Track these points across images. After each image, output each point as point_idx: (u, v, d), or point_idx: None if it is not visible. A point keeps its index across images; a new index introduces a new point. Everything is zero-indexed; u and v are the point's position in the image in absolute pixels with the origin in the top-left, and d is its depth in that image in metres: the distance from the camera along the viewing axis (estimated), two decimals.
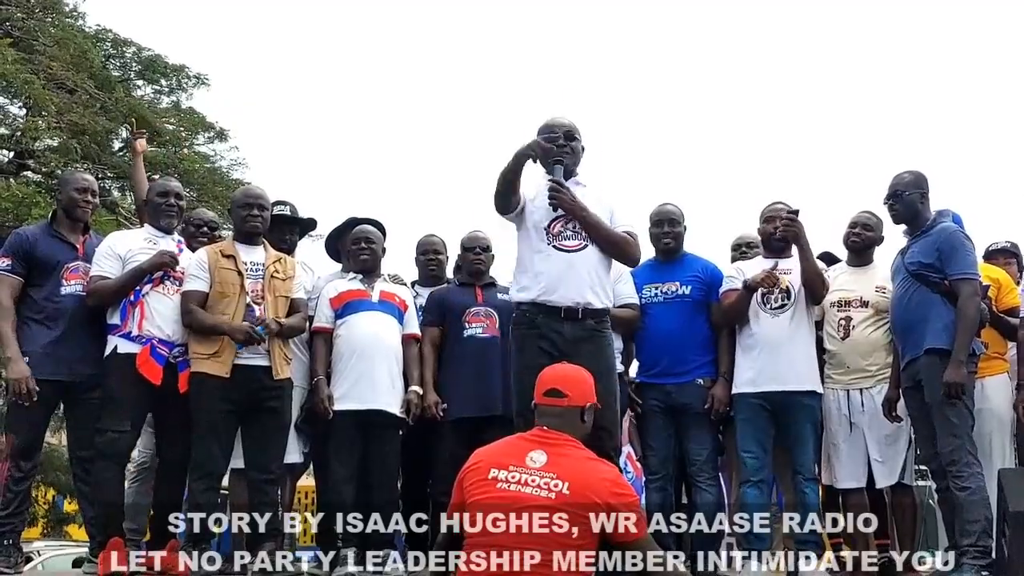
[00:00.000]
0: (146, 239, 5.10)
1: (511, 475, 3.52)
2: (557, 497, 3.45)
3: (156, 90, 15.29)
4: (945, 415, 4.69)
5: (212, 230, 5.71)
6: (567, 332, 4.43)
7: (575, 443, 3.63)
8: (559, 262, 4.48)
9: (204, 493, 4.88)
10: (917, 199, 5.00)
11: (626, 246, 4.60)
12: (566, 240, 4.50)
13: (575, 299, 4.45)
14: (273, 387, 4.97)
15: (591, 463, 3.59)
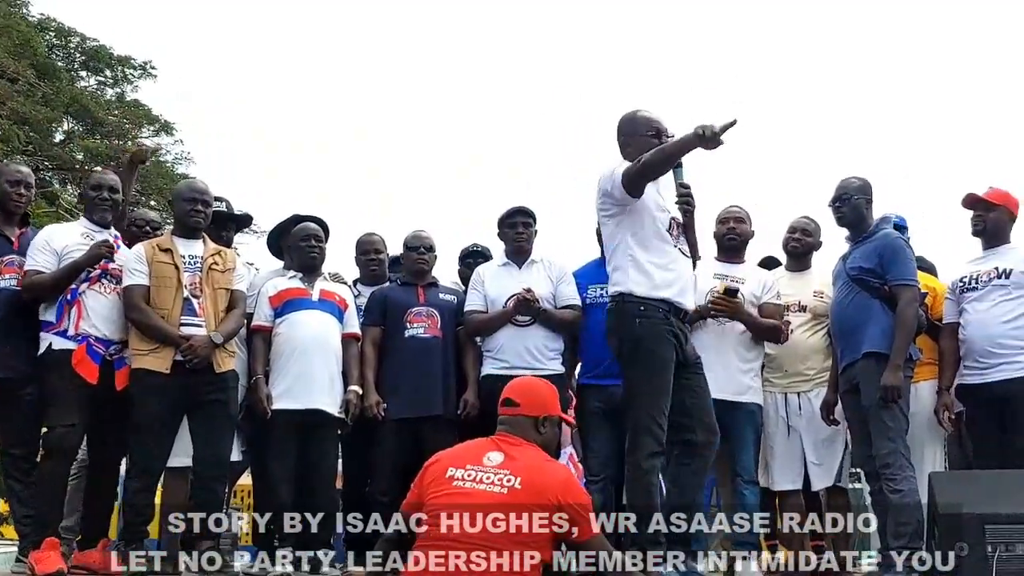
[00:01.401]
0: (83, 234, 5.01)
1: (467, 474, 3.58)
2: (509, 492, 3.50)
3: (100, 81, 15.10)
4: (881, 418, 4.75)
5: (154, 230, 5.63)
6: (685, 333, 4.56)
7: (532, 446, 3.70)
8: (685, 266, 4.58)
9: (140, 493, 4.81)
10: (863, 204, 5.07)
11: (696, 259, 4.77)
12: (683, 245, 4.59)
13: (690, 305, 4.61)
14: (216, 380, 4.91)
15: (545, 463, 3.66)
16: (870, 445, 4.83)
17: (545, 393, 3.89)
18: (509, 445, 3.67)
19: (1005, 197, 5.10)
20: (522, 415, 3.76)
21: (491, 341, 5.31)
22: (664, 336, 4.43)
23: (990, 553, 4.08)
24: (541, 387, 3.94)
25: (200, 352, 4.80)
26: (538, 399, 3.84)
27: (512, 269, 5.45)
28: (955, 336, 5.08)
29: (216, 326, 4.92)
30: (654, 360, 4.41)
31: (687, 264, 4.59)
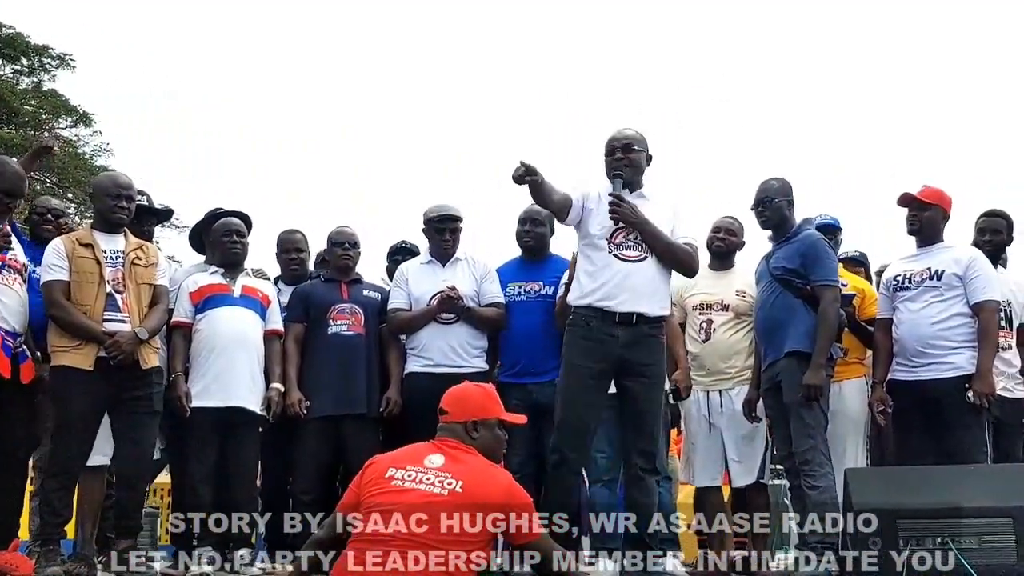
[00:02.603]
0: None
1: (407, 474, 3.55)
2: (450, 495, 3.47)
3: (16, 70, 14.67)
4: (801, 416, 4.83)
5: (57, 218, 5.49)
6: (621, 336, 4.53)
7: (471, 451, 3.68)
8: (617, 272, 4.57)
9: (58, 492, 4.68)
10: (784, 206, 5.13)
11: (685, 257, 4.71)
12: (627, 251, 4.59)
13: (632, 307, 4.54)
14: (141, 376, 4.80)
15: (486, 467, 3.64)
16: (791, 442, 4.91)
17: (475, 398, 3.86)
18: (450, 449, 3.65)
19: (939, 196, 5.15)
20: (453, 422, 3.74)
21: (415, 339, 5.29)
22: (577, 343, 4.59)
23: (900, 547, 4.17)
24: (471, 392, 3.90)
25: (125, 348, 4.69)
26: (467, 405, 3.81)
27: (436, 267, 5.43)
28: (888, 332, 5.13)
29: (140, 322, 4.81)
30: (567, 366, 4.64)
31: (624, 268, 4.58)
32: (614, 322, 4.54)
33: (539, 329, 5.27)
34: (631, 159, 4.71)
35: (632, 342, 4.55)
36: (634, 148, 4.73)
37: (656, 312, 4.62)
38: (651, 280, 4.62)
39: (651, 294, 4.60)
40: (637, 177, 4.75)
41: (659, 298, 4.65)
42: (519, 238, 5.49)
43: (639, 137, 4.79)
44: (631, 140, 4.74)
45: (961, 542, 4.11)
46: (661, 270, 4.67)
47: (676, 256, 4.68)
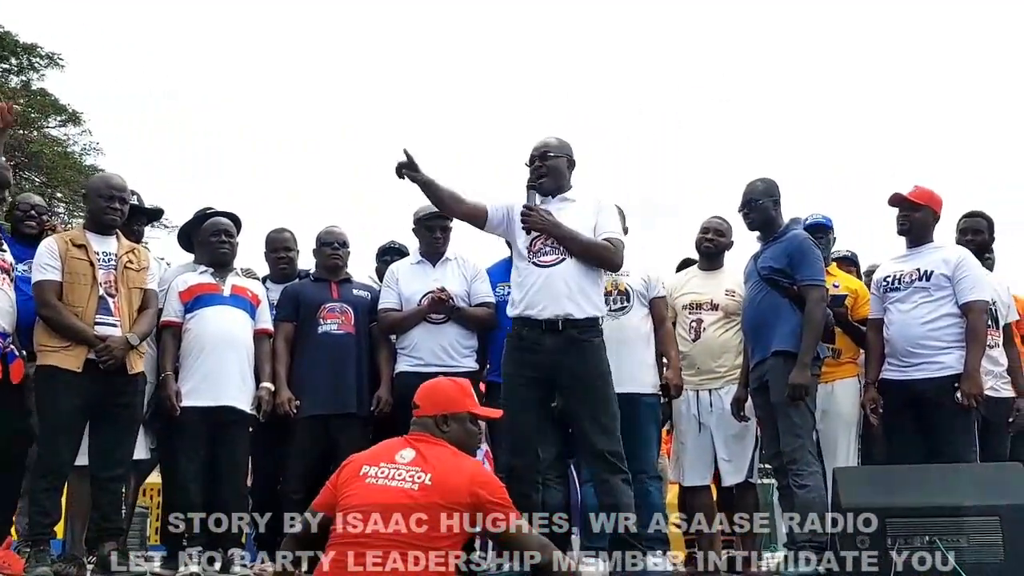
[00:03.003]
0: None
1: (380, 471, 3.57)
2: (420, 488, 3.48)
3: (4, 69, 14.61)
4: (788, 415, 4.84)
5: (40, 215, 5.47)
6: (548, 343, 4.53)
7: (443, 444, 3.69)
8: (536, 278, 4.59)
9: (46, 492, 4.66)
10: (770, 207, 5.15)
11: (604, 253, 4.66)
12: (544, 256, 4.62)
13: (554, 312, 4.54)
14: (127, 382, 4.79)
15: (455, 458, 3.65)
16: (779, 442, 4.93)
17: (447, 392, 3.87)
18: (421, 443, 3.67)
19: (929, 196, 5.16)
20: (424, 415, 3.77)
21: (405, 339, 5.29)
22: (510, 354, 4.66)
23: (889, 546, 4.19)
24: (443, 386, 3.91)
25: (116, 354, 4.69)
26: (438, 398, 3.83)
27: (426, 267, 5.43)
28: (880, 332, 5.15)
29: (130, 326, 4.81)
30: (503, 378, 4.71)
31: (542, 273, 4.60)
32: (542, 330, 4.56)
33: None
34: (549, 166, 4.75)
35: (562, 348, 4.54)
36: (550, 155, 4.76)
37: (584, 314, 4.58)
38: (571, 281, 4.59)
39: (572, 296, 4.57)
40: (560, 183, 4.79)
41: (584, 299, 4.60)
42: None
43: (557, 143, 4.82)
44: (547, 147, 4.78)
45: (950, 541, 4.14)
46: (584, 270, 4.63)
47: (593, 254, 4.65)
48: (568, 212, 4.69)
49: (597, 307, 4.68)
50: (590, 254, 4.65)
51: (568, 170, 4.84)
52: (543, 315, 4.55)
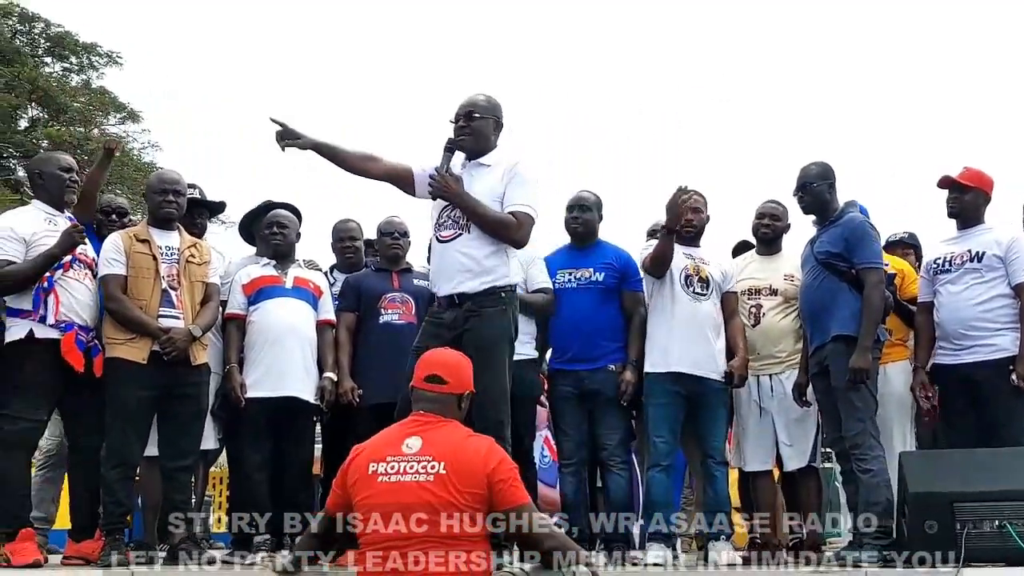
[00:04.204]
0: (46, 219, 4.88)
1: (389, 466, 3.52)
2: (436, 479, 3.46)
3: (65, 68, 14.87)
4: (850, 399, 4.81)
5: (122, 216, 5.59)
6: (447, 318, 4.45)
7: (451, 423, 3.65)
8: (436, 255, 4.53)
9: (119, 482, 4.77)
10: (825, 190, 5.11)
11: (503, 228, 4.43)
12: (445, 230, 4.49)
13: (449, 289, 4.45)
14: (190, 373, 4.89)
15: (466, 439, 3.61)
16: (840, 426, 4.90)
17: (468, 368, 3.84)
18: (426, 427, 3.61)
19: (979, 178, 5.12)
20: (449, 392, 3.70)
21: None
22: (422, 328, 4.59)
23: (959, 531, 4.15)
24: (463, 362, 3.87)
25: (179, 345, 4.78)
26: (464, 375, 3.79)
27: None
28: (930, 314, 5.12)
29: (193, 318, 4.91)
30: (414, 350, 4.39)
31: (439, 249, 4.50)
32: (444, 306, 4.47)
33: (590, 315, 5.30)
34: (473, 127, 4.51)
35: (459, 321, 4.40)
36: (475, 115, 4.52)
37: (475, 289, 4.39)
38: (465, 257, 4.42)
39: (466, 271, 4.41)
40: (483, 145, 4.55)
41: (482, 272, 4.41)
42: (567, 225, 5.51)
43: (484, 103, 4.58)
44: (474, 106, 4.54)
45: (1020, 525, 4.11)
46: (485, 242, 4.43)
47: (490, 227, 4.42)
48: (480, 179, 4.49)
49: (497, 277, 4.45)
50: (489, 227, 4.42)
51: (495, 132, 4.61)
52: (441, 292, 4.48)
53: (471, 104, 4.55)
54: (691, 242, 5.36)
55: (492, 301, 4.42)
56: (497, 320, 4.42)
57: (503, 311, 4.44)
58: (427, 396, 3.70)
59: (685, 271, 5.21)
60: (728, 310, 5.33)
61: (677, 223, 5.08)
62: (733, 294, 5.37)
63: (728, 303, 5.34)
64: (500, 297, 4.45)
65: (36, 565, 4.51)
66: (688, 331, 5.15)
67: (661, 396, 5.14)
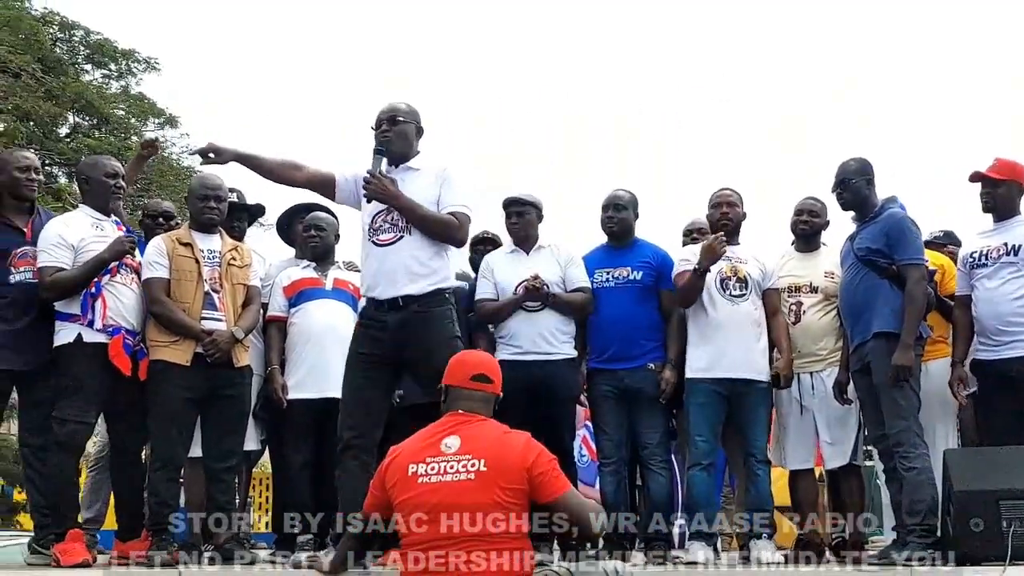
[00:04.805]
0: (93, 225, 4.97)
1: (429, 467, 3.55)
2: (477, 477, 3.48)
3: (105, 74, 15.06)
4: (893, 397, 4.77)
5: (168, 220, 5.66)
6: (390, 320, 4.47)
7: (488, 420, 3.69)
8: (374, 259, 4.53)
9: (165, 483, 4.85)
10: (863, 186, 5.08)
11: (444, 228, 4.52)
12: (382, 234, 4.51)
13: (393, 293, 4.46)
14: (233, 375, 4.95)
15: (503, 435, 3.63)
16: (883, 424, 4.86)
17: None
18: (463, 425, 3.64)
19: (1011, 169, 5.06)
20: (492, 392, 3.77)
21: (503, 327, 5.32)
22: (357, 331, 4.60)
23: (1005, 529, 4.12)
24: (497, 363, 3.97)
25: (222, 347, 4.84)
26: (500, 377, 3.86)
27: (520, 255, 5.47)
28: (967, 309, 5.07)
29: (235, 321, 4.97)
30: (348, 353, 4.58)
31: (379, 253, 4.51)
32: (384, 309, 4.48)
33: (629, 314, 5.29)
34: (397, 131, 4.59)
35: (402, 324, 4.44)
36: (399, 119, 4.60)
37: (423, 290, 4.47)
38: (409, 259, 4.47)
39: (411, 273, 4.46)
40: (407, 150, 4.63)
41: (425, 275, 4.49)
42: (603, 225, 5.51)
43: (406, 108, 4.67)
44: (396, 112, 4.62)
45: None
46: (425, 244, 4.50)
47: (432, 228, 4.50)
48: (411, 182, 4.54)
49: (442, 278, 4.56)
50: (431, 229, 4.50)
51: (416, 137, 4.69)
52: (383, 296, 4.48)
53: (393, 110, 4.63)
54: (728, 240, 5.34)
55: (438, 302, 4.53)
56: (446, 321, 4.54)
57: (449, 312, 4.57)
58: (474, 395, 3.75)
59: (721, 274, 5.20)
60: (770, 308, 5.29)
61: (710, 264, 5.10)
62: (775, 291, 5.33)
63: (770, 300, 5.30)
64: (445, 298, 4.57)
65: (84, 565, 4.57)
66: (727, 334, 5.13)
67: (701, 395, 5.13)
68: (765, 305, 5.29)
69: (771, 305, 5.30)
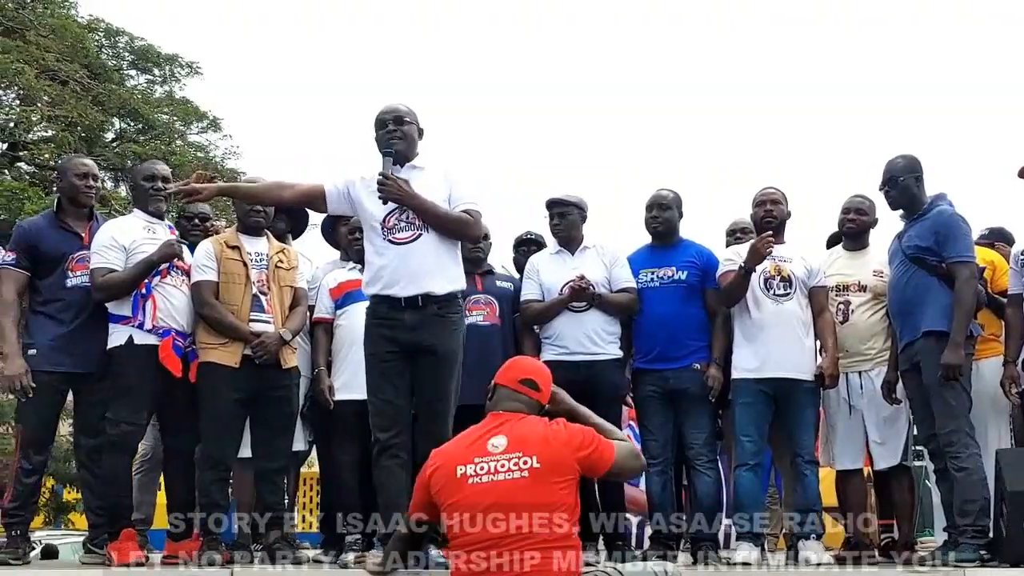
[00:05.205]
0: (144, 228, 5.06)
1: (479, 467, 3.56)
2: (530, 473, 3.49)
3: (149, 80, 15.24)
4: (943, 397, 4.73)
5: (204, 221, 5.72)
6: (408, 319, 4.49)
7: (529, 416, 3.71)
8: (393, 257, 4.53)
9: (214, 483, 4.91)
10: (912, 184, 5.03)
11: (461, 226, 4.59)
12: (399, 233, 4.53)
13: (414, 290, 4.48)
14: (281, 376, 5.00)
15: (547, 428, 3.64)
16: (933, 423, 4.82)
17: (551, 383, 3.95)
18: (506, 424, 3.65)
19: None
20: (538, 401, 3.79)
21: (549, 328, 5.32)
22: (371, 330, 4.58)
23: None
24: (551, 376, 3.99)
25: (271, 349, 4.89)
26: (550, 388, 3.89)
27: (565, 256, 5.47)
28: (1019, 307, 5.01)
29: (282, 322, 5.02)
30: (366, 355, 4.61)
31: (399, 251, 4.52)
32: (401, 307, 4.49)
33: (674, 314, 5.28)
34: (404, 131, 4.63)
35: (419, 324, 4.48)
36: (406, 120, 4.65)
37: (443, 290, 4.52)
38: (430, 258, 4.51)
39: (432, 272, 4.50)
40: (411, 151, 4.68)
41: (444, 274, 4.54)
42: (648, 225, 5.50)
43: (409, 110, 4.72)
44: (402, 113, 4.67)
45: None
46: (442, 244, 4.55)
47: (449, 226, 4.56)
48: (419, 181, 4.58)
49: (457, 281, 4.61)
50: (447, 227, 4.55)
51: (419, 138, 4.74)
52: (403, 293, 4.48)
53: (397, 111, 4.68)
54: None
55: (455, 308, 4.61)
56: (458, 330, 4.61)
57: (461, 320, 4.65)
58: (519, 398, 3.78)
59: (765, 273, 5.17)
60: (817, 306, 5.25)
61: (756, 264, 5.08)
62: (822, 289, 5.29)
63: (816, 299, 5.26)
64: (459, 304, 4.64)
65: (138, 564, 4.64)
66: (773, 334, 5.11)
67: (748, 395, 5.11)
68: (811, 304, 5.25)
69: (817, 304, 5.26)
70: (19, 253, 5.01)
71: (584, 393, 4.99)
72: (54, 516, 13.84)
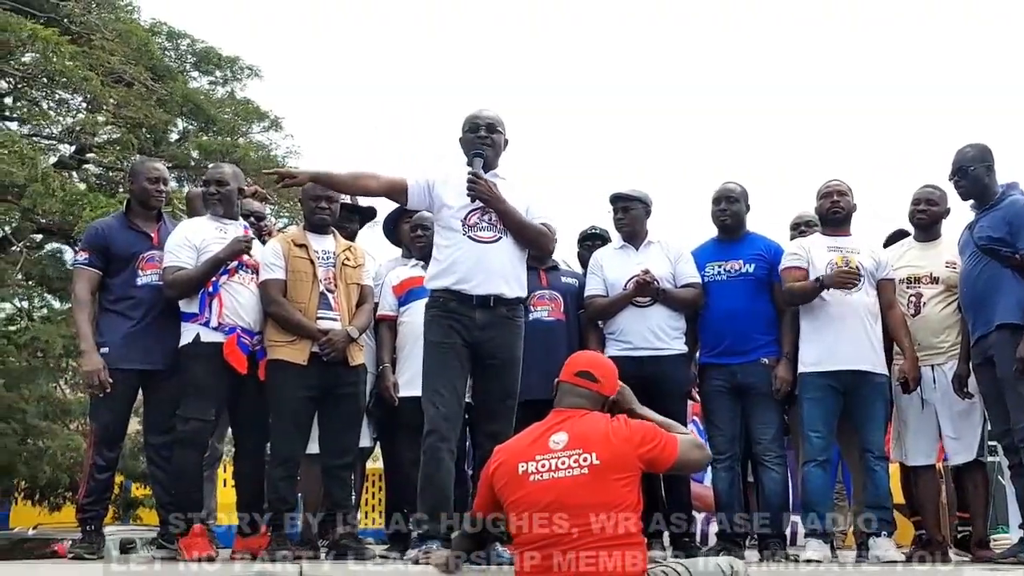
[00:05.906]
0: (216, 227, 5.14)
1: (540, 465, 3.55)
2: (591, 470, 3.47)
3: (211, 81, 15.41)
4: (1018, 391, 4.64)
5: (259, 220, 5.78)
6: (478, 318, 4.52)
7: (591, 412, 3.68)
8: (472, 253, 4.55)
9: (283, 480, 4.95)
10: (983, 173, 4.94)
11: (541, 237, 4.70)
12: (481, 231, 4.57)
13: (487, 289, 4.52)
14: (348, 373, 5.03)
15: (609, 426, 3.62)
16: (1007, 418, 4.72)
17: (615, 373, 3.91)
18: (568, 420, 3.63)
19: None
20: (599, 392, 3.75)
21: (613, 323, 5.30)
22: (437, 323, 4.57)
23: None
24: (612, 366, 3.96)
25: (338, 346, 4.93)
26: (612, 379, 3.84)
27: (629, 251, 5.44)
28: None
29: (349, 320, 5.05)
30: (427, 347, 4.60)
31: (478, 249, 4.54)
32: (472, 304, 4.50)
33: (741, 308, 5.24)
34: (494, 139, 4.70)
35: (488, 324, 4.52)
36: (497, 129, 4.72)
37: (513, 294, 4.59)
38: (506, 261, 4.58)
39: (506, 275, 4.56)
40: (496, 160, 4.73)
41: (515, 279, 4.61)
42: (715, 218, 5.45)
43: (501, 119, 4.77)
44: (495, 121, 4.73)
45: None
46: (516, 251, 4.63)
47: (529, 235, 4.64)
48: (502, 189, 4.61)
49: (523, 288, 4.70)
50: (526, 235, 4.64)
51: (504, 149, 4.80)
52: (476, 291, 4.51)
53: (493, 119, 4.75)
54: (838, 230, 5.24)
55: (520, 312, 4.69)
56: (522, 334, 4.68)
57: (523, 326, 4.70)
58: (577, 391, 3.75)
59: (832, 266, 5.08)
60: (885, 299, 5.16)
61: (837, 288, 5.02)
62: (890, 281, 5.20)
63: (885, 291, 5.17)
64: (523, 309, 4.74)
65: (208, 559, 4.70)
66: (841, 326, 5.03)
67: (815, 390, 5.04)
68: (880, 297, 5.16)
69: (886, 297, 5.17)
70: (92, 253, 5.12)
71: (649, 389, 4.98)
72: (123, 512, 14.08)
